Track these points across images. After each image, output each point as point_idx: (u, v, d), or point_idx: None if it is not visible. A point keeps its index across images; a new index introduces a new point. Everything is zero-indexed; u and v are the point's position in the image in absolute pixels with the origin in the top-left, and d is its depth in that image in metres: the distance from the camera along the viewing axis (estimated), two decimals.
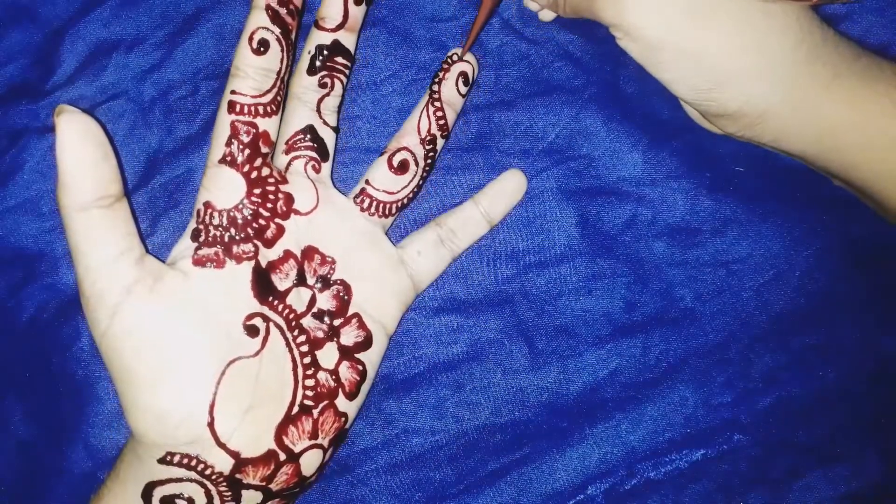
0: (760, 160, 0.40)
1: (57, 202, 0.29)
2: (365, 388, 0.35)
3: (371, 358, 0.35)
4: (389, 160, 0.36)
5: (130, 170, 0.39)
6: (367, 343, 0.35)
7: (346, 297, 0.35)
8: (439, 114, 0.37)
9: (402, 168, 0.36)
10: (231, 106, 0.32)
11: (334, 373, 0.34)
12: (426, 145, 0.37)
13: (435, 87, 0.37)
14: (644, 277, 0.40)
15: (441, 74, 0.37)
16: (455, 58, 0.37)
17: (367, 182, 0.36)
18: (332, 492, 0.39)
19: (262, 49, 0.32)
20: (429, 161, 0.37)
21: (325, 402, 0.33)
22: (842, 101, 0.33)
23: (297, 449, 0.32)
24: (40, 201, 0.38)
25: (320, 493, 0.39)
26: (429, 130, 0.37)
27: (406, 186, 0.36)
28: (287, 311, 0.33)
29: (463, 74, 0.37)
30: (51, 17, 0.39)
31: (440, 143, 0.37)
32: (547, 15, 0.38)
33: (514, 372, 0.40)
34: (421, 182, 0.37)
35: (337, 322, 0.34)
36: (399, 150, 0.36)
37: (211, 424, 0.30)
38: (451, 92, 0.37)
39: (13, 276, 0.38)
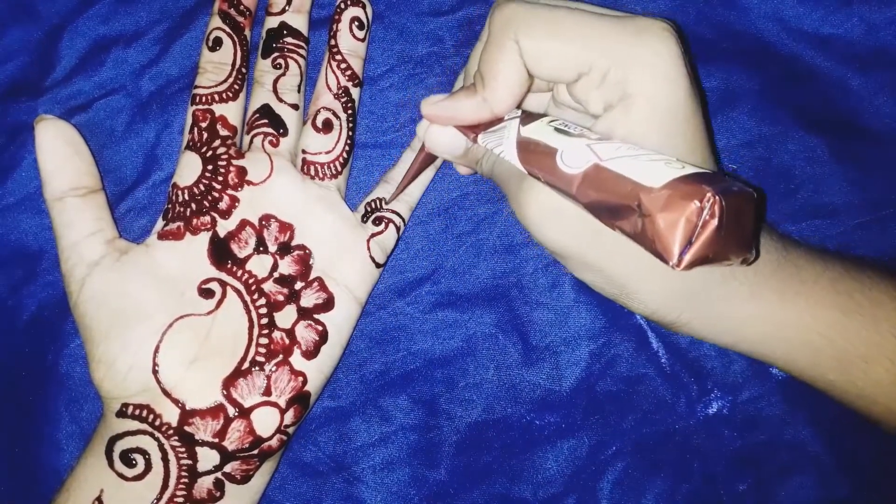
0: (755, 158, 0.40)
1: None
2: (329, 350, 0.35)
3: (335, 320, 0.36)
4: (314, 124, 0.37)
5: (129, 164, 0.39)
6: (327, 304, 0.36)
7: (306, 262, 0.36)
8: (343, 65, 0.38)
9: (328, 126, 0.37)
10: (192, 98, 0.36)
11: (290, 332, 0.35)
12: (341, 98, 0.38)
13: (332, 42, 0.38)
14: None
15: (334, 26, 0.38)
16: (343, 5, 0.38)
17: (303, 152, 0.37)
18: (329, 489, 0.39)
19: (216, 47, 0.37)
20: (349, 112, 0.38)
21: (279, 359, 0.34)
22: (757, 319, 0.32)
23: (247, 404, 0.33)
24: (40, 198, 0.38)
25: (317, 490, 0.39)
26: (338, 84, 0.38)
27: (338, 142, 0.38)
28: (247, 276, 0.35)
29: (356, 20, 0.38)
30: (50, 14, 0.39)
31: (355, 91, 0.38)
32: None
33: (506, 367, 0.40)
34: (350, 133, 0.38)
35: (299, 286, 0.35)
36: (318, 111, 0.37)
37: (155, 372, 0.32)
38: (348, 41, 0.38)
39: (13, 274, 0.38)
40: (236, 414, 0.33)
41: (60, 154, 0.34)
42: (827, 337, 0.32)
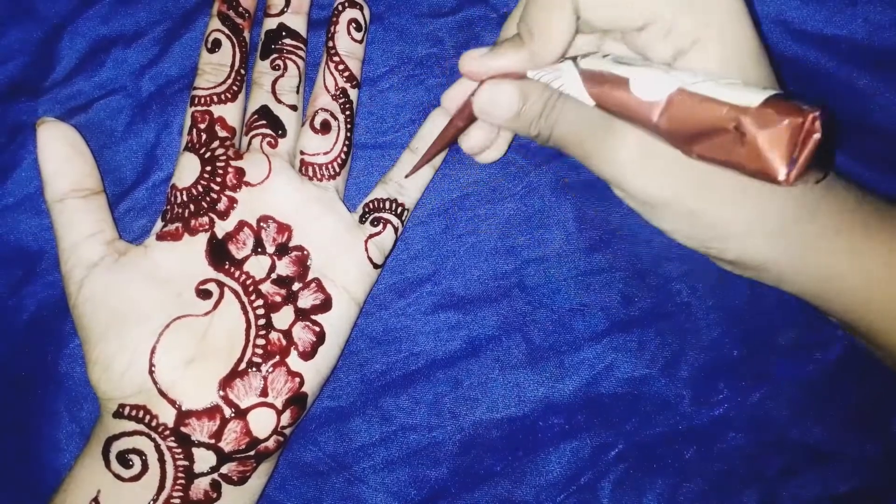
0: None
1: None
2: (326, 351, 0.35)
3: (332, 321, 0.36)
4: (312, 125, 0.37)
5: (129, 165, 0.39)
6: (325, 306, 0.36)
7: (304, 263, 0.36)
8: (341, 66, 0.38)
9: (325, 127, 0.37)
10: (191, 100, 0.37)
11: (287, 333, 0.35)
12: (339, 99, 0.38)
13: (330, 43, 0.38)
14: (641, 272, 0.40)
15: (332, 28, 0.38)
16: (341, 7, 0.38)
17: (301, 153, 0.37)
18: (329, 489, 0.39)
19: (215, 48, 0.37)
20: (347, 113, 0.38)
21: (276, 360, 0.34)
22: (843, 254, 0.32)
23: (243, 405, 0.33)
24: (39, 198, 0.38)
25: (317, 490, 0.39)
26: (336, 85, 0.38)
27: (336, 143, 0.37)
28: (244, 277, 0.35)
29: (353, 22, 0.38)
30: (50, 14, 0.39)
31: (353, 93, 0.38)
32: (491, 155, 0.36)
33: (511, 368, 0.39)
34: (349, 134, 0.38)
35: (296, 287, 0.35)
36: (316, 112, 0.37)
37: (151, 372, 0.32)
38: (346, 42, 0.38)
39: (13, 274, 0.38)
40: (233, 415, 0.33)
41: (62, 156, 0.34)
42: None
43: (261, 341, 0.34)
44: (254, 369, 0.34)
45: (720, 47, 0.28)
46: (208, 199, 0.35)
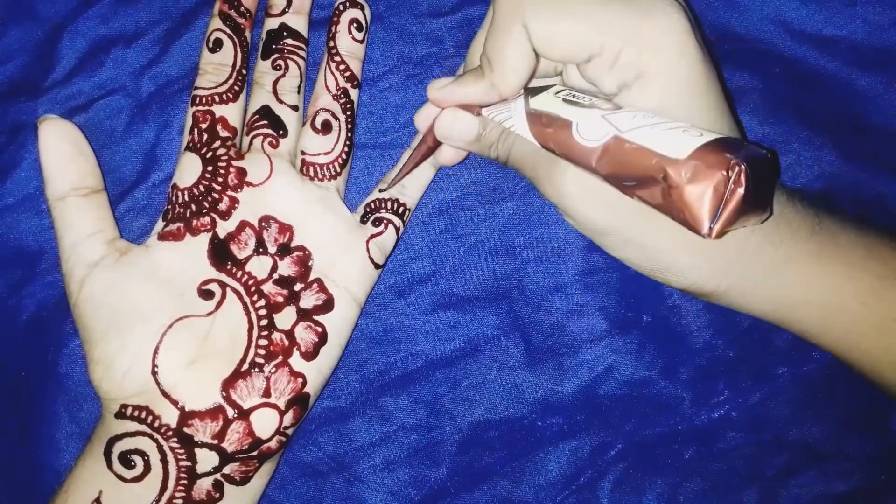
0: None
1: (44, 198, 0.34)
2: (328, 351, 0.35)
3: (334, 322, 0.36)
4: (312, 125, 0.37)
5: (129, 165, 0.39)
6: (327, 306, 0.36)
7: (306, 263, 0.36)
8: (342, 66, 0.38)
9: (326, 128, 0.37)
10: (193, 100, 0.37)
11: (289, 333, 0.35)
12: (340, 99, 0.38)
13: (331, 43, 0.38)
14: (636, 273, 0.39)
15: (333, 28, 0.38)
16: (342, 7, 0.38)
17: (302, 153, 0.37)
18: (329, 489, 0.39)
19: (216, 48, 0.37)
20: (348, 113, 0.38)
21: (278, 361, 0.34)
22: (794, 284, 0.32)
23: (246, 405, 0.33)
24: (39, 198, 0.38)
25: (317, 490, 0.39)
26: (337, 85, 0.38)
27: (337, 142, 0.38)
28: (246, 277, 0.35)
29: (354, 22, 0.38)
30: (50, 14, 0.39)
31: (353, 93, 0.38)
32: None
33: (509, 368, 0.39)
34: (349, 134, 0.38)
35: (298, 287, 0.35)
36: (317, 113, 0.37)
37: (154, 373, 0.32)
38: (347, 42, 0.38)
39: (13, 274, 0.38)
40: (235, 415, 0.33)
41: (63, 153, 0.34)
42: (863, 302, 0.32)
43: (263, 342, 0.34)
44: (256, 370, 0.34)
45: (663, 83, 0.29)
46: (210, 199, 0.35)
